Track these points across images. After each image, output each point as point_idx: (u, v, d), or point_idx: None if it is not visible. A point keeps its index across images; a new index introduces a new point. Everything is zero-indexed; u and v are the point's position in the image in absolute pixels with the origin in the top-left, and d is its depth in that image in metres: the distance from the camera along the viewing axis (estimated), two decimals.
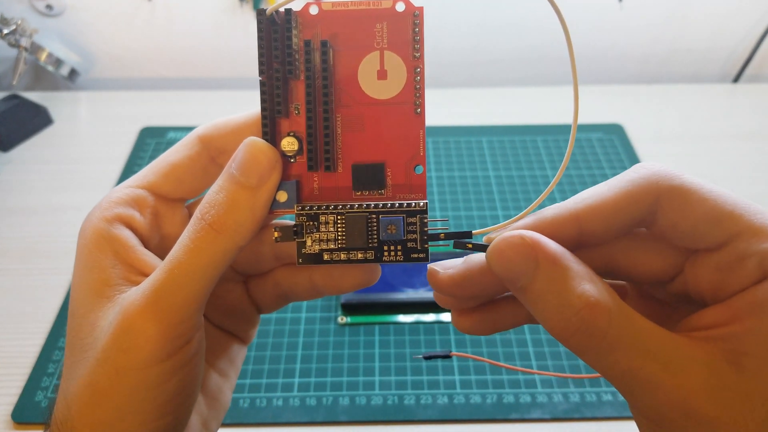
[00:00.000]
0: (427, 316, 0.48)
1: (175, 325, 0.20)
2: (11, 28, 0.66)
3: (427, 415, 0.42)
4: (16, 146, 0.65)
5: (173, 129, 0.67)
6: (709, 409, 0.18)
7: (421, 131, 0.23)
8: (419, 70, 0.22)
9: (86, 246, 0.22)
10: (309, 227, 0.22)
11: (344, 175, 0.23)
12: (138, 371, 0.20)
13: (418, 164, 0.23)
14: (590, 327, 0.18)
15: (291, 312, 0.49)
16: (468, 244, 0.22)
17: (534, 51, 0.76)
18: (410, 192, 0.23)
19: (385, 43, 0.22)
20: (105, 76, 0.77)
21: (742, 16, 0.75)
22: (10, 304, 0.49)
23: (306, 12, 0.22)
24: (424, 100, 0.22)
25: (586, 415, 0.42)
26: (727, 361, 0.18)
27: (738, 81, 0.78)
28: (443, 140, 0.66)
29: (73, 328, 0.22)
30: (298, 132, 0.23)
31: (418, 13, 0.22)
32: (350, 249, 0.22)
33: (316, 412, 0.42)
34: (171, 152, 0.25)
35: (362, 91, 0.22)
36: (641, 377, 0.18)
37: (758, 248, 0.19)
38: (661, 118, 0.69)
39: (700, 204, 0.20)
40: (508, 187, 0.60)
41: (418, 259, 0.22)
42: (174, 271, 0.20)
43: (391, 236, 0.22)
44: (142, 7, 0.72)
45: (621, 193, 0.21)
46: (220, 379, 0.27)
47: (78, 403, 0.21)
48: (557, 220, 0.21)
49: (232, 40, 0.74)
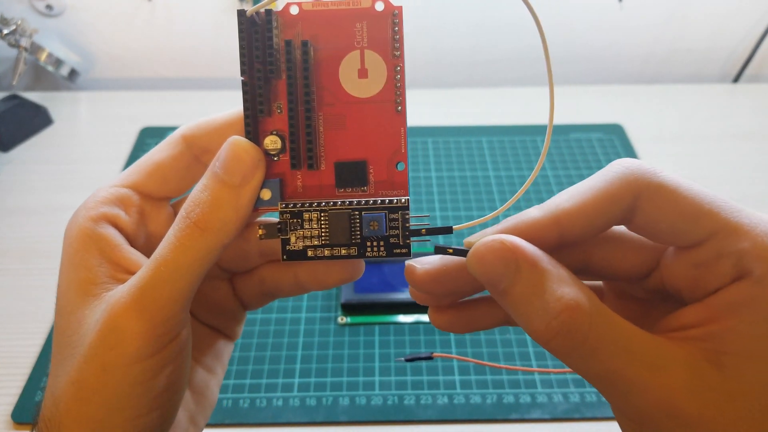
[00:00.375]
0: (427, 316, 0.48)
1: (160, 322, 0.21)
2: (11, 28, 0.66)
3: (427, 416, 0.42)
4: (16, 146, 0.65)
5: (173, 129, 0.67)
6: (691, 409, 0.18)
7: (402, 128, 0.23)
8: (399, 69, 0.23)
9: (72, 245, 0.23)
10: (293, 224, 0.22)
11: (327, 172, 0.23)
12: (125, 368, 0.20)
13: (400, 161, 0.23)
14: (570, 330, 0.18)
15: (291, 312, 0.49)
16: (449, 249, 0.22)
17: (533, 51, 0.76)
18: (392, 188, 0.23)
19: (365, 43, 0.22)
20: (105, 76, 0.77)
21: (742, 16, 0.75)
22: (10, 304, 0.49)
23: (286, 12, 0.22)
24: (404, 98, 0.23)
25: (586, 415, 0.42)
26: (707, 360, 0.18)
27: (738, 81, 0.78)
28: (443, 140, 0.66)
29: (60, 326, 0.22)
30: (280, 131, 0.23)
31: (397, 12, 0.22)
32: (334, 245, 0.22)
33: (316, 413, 0.42)
34: (155, 151, 0.25)
35: (343, 89, 0.23)
36: (623, 379, 0.18)
37: (735, 248, 0.19)
38: (661, 118, 0.69)
39: (679, 202, 0.20)
40: (507, 187, 0.60)
41: (400, 254, 0.22)
42: (159, 269, 0.21)
43: (374, 232, 0.22)
44: (142, 7, 0.72)
45: (600, 193, 0.21)
46: (206, 375, 0.27)
47: (65, 400, 0.21)
48: (538, 223, 0.21)
49: (232, 40, 0.74)
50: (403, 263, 0.51)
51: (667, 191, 0.20)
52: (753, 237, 0.19)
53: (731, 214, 0.19)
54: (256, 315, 0.49)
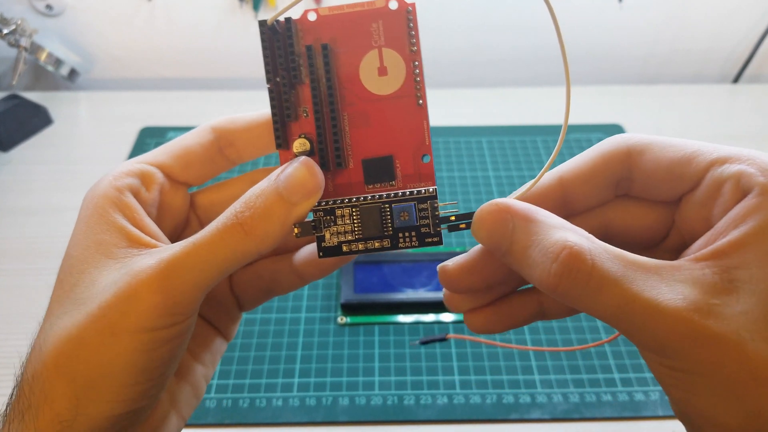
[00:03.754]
0: (427, 316, 0.48)
1: (180, 301, 0.21)
2: (11, 28, 0.66)
3: (426, 416, 0.42)
4: (16, 146, 0.65)
5: (173, 129, 0.67)
6: (709, 327, 0.18)
7: (424, 121, 0.23)
8: (417, 64, 0.23)
9: (95, 208, 0.23)
10: (326, 221, 0.23)
11: (356, 170, 0.24)
12: (132, 334, 0.21)
13: (425, 154, 0.24)
14: (573, 270, 0.19)
15: (291, 312, 0.49)
16: (461, 225, 0.23)
17: (533, 51, 0.76)
18: (420, 181, 0.24)
19: (382, 41, 0.23)
20: (105, 76, 0.77)
21: (742, 16, 0.75)
22: (10, 304, 0.49)
23: (305, 19, 0.23)
24: (424, 92, 0.23)
25: (586, 416, 0.42)
26: (720, 278, 0.18)
27: (738, 81, 0.78)
28: (443, 140, 0.66)
29: (66, 282, 0.22)
30: (308, 134, 0.24)
31: (411, 9, 0.23)
32: (367, 239, 0.23)
33: (316, 412, 0.42)
34: (184, 137, 0.26)
35: (365, 88, 0.23)
36: (636, 310, 0.18)
37: (730, 171, 0.20)
38: (660, 119, 0.69)
39: (668, 150, 0.22)
40: (507, 187, 0.60)
41: (432, 242, 0.23)
42: (193, 252, 0.21)
43: (405, 223, 0.23)
44: (142, 7, 0.72)
45: (596, 156, 0.23)
46: (202, 369, 0.28)
47: (56, 356, 0.21)
48: (543, 186, 0.23)
49: (232, 40, 0.74)
50: (401, 264, 0.51)
51: (657, 143, 0.22)
52: (745, 159, 0.20)
53: (718, 149, 0.21)
54: (256, 315, 0.49)
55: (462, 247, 0.54)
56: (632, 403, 0.43)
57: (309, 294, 0.50)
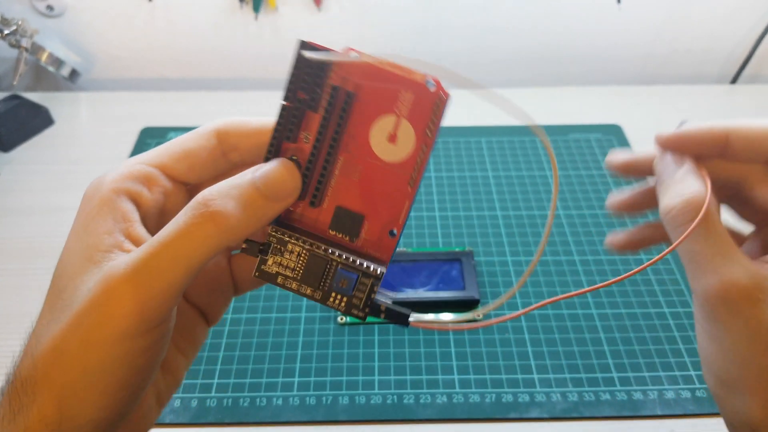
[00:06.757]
0: (427, 316, 0.48)
1: (153, 307, 0.21)
2: (12, 28, 0.67)
3: (426, 415, 0.42)
4: (17, 146, 0.65)
5: (173, 129, 0.67)
6: (742, 304, 0.23)
7: (407, 202, 0.23)
8: (425, 149, 0.23)
9: (89, 211, 0.23)
10: (275, 249, 0.23)
11: (327, 211, 0.24)
12: (109, 345, 0.20)
13: (394, 229, 0.24)
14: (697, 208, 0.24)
15: (291, 312, 0.49)
16: (383, 317, 0.24)
17: (534, 52, 0.77)
18: (377, 251, 0.24)
19: (405, 112, 0.23)
20: (105, 76, 0.78)
21: (741, 17, 0.75)
22: (10, 304, 0.49)
23: (344, 54, 0.23)
24: (420, 178, 0.23)
25: (585, 415, 0.42)
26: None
27: (736, 82, 0.78)
28: (443, 140, 0.66)
29: (57, 287, 0.22)
30: (299, 158, 0.23)
31: (444, 98, 0.23)
32: (302, 283, 0.23)
33: (316, 412, 0.43)
34: (186, 139, 0.25)
35: (369, 145, 0.23)
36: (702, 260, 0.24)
37: None
38: (659, 119, 0.70)
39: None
40: (507, 187, 0.60)
41: (357, 316, 0.24)
42: (161, 251, 0.21)
43: (341, 288, 0.23)
44: (142, 8, 0.72)
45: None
46: (180, 357, 0.27)
47: (44, 363, 0.21)
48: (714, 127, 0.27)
49: (232, 40, 0.74)
50: (401, 264, 0.51)
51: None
52: None
53: None
54: (256, 315, 0.49)
55: (462, 247, 0.54)
56: (630, 402, 0.43)
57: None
